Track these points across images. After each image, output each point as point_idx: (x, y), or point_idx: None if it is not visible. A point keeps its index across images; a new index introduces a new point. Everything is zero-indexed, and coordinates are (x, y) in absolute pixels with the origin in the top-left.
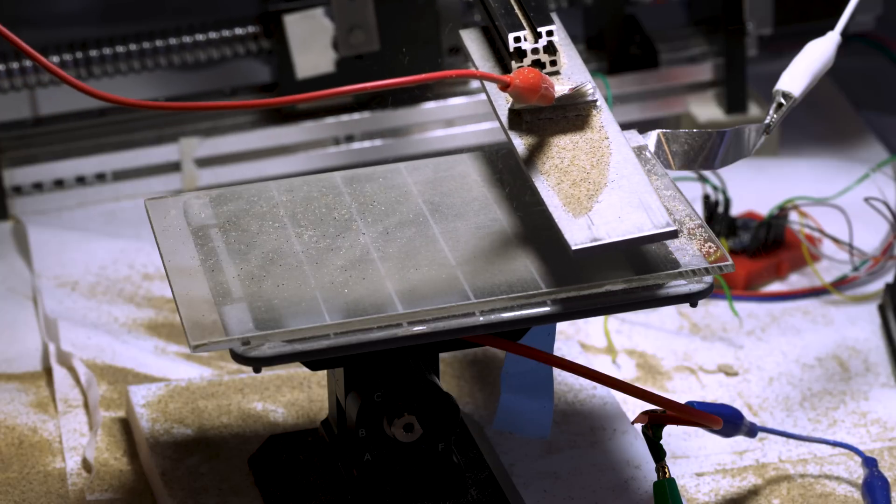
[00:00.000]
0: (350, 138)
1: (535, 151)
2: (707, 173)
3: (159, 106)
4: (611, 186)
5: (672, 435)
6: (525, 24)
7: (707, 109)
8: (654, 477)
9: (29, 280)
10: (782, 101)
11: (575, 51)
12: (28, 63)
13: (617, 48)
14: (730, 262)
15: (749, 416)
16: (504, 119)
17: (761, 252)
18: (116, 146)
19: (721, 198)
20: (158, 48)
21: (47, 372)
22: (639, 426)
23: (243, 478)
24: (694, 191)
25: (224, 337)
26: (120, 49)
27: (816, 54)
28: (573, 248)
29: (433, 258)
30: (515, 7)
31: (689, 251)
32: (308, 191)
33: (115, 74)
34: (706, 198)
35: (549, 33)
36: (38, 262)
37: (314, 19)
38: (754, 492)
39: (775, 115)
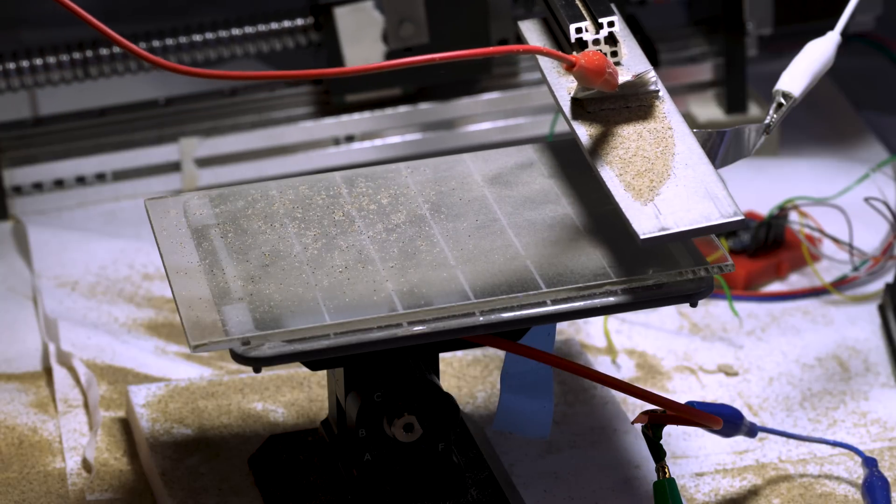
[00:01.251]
0: (350, 138)
1: (599, 141)
2: None
3: (217, 75)
4: (676, 176)
5: (672, 435)
6: (586, 15)
7: (707, 109)
8: (654, 477)
9: (29, 280)
10: (782, 101)
11: (635, 42)
12: (28, 63)
13: None
14: (730, 262)
15: (749, 416)
16: (567, 109)
17: (761, 252)
18: (116, 146)
19: None
20: (167, 46)
21: (47, 372)
22: (639, 426)
23: (243, 478)
24: None
25: (224, 337)
26: (119, 49)
27: (816, 54)
28: (641, 237)
29: (433, 258)
30: None
31: (689, 251)
32: (308, 191)
33: (112, 75)
34: None
35: (611, 24)
36: (38, 262)
37: (364, 12)
38: (754, 492)
39: (775, 115)
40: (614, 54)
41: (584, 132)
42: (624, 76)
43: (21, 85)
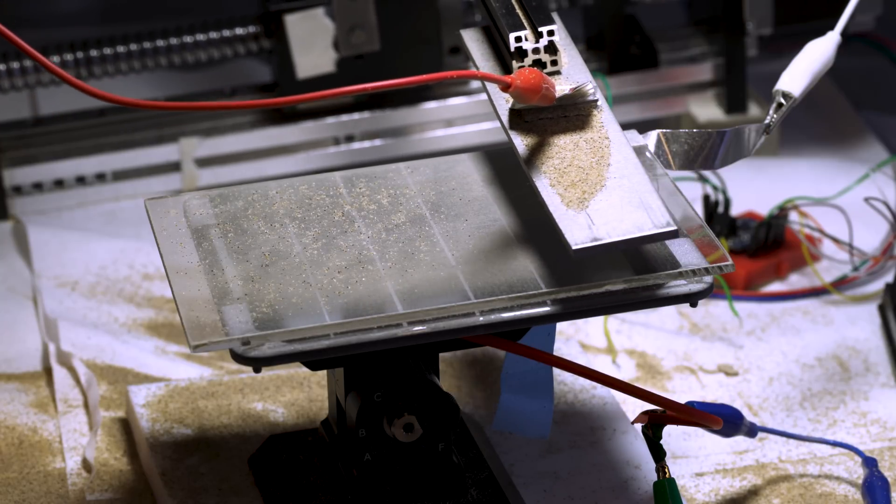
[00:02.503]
0: (350, 138)
1: (536, 151)
2: (707, 173)
3: (159, 106)
4: (611, 186)
5: (672, 435)
6: (526, 24)
7: (707, 109)
8: (654, 477)
9: (29, 280)
10: (782, 101)
11: (576, 50)
12: (28, 63)
13: (617, 48)
14: (730, 262)
15: (749, 416)
16: (505, 119)
17: (761, 252)
18: (116, 146)
19: (721, 198)
20: (159, 48)
21: (47, 372)
22: (639, 426)
23: (243, 478)
24: (694, 191)
25: (224, 337)
26: (120, 49)
27: (816, 54)
28: (573, 247)
29: (433, 258)
30: (517, 6)
31: (689, 251)
32: (308, 191)
33: (116, 74)
34: (706, 198)
35: (551, 33)
36: (38, 262)
37: (315, 19)
38: (754, 492)
39: (775, 115)
40: (554, 63)
41: (521, 142)
42: (563, 85)
43: (21, 85)
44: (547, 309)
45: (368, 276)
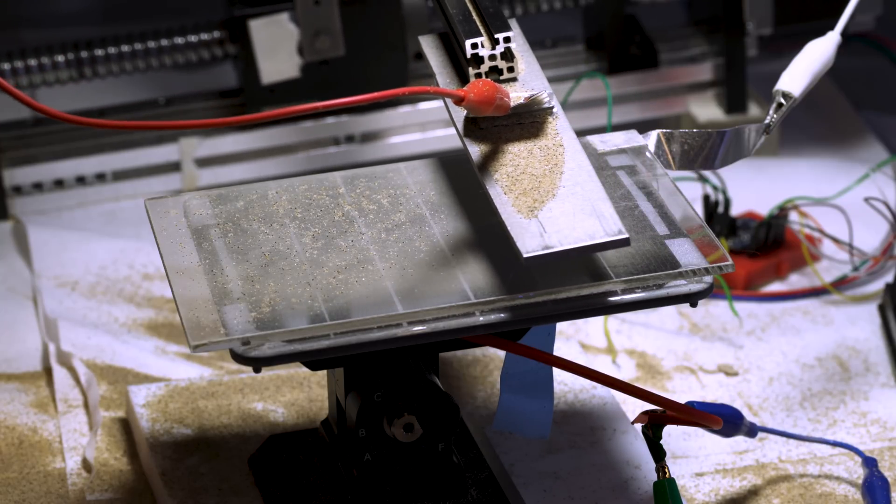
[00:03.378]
0: (350, 138)
1: (489, 158)
2: (707, 173)
3: (92, 123)
4: (564, 194)
5: (672, 435)
6: (483, 31)
7: (707, 109)
8: (654, 477)
9: (29, 280)
10: (782, 101)
11: (533, 56)
12: (28, 63)
13: (617, 48)
14: (730, 262)
15: (749, 416)
16: (460, 126)
17: (761, 252)
18: (116, 146)
19: (721, 198)
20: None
21: (47, 372)
22: (639, 426)
23: (243, 478)
24: (694, 191)
25: (224, 337)
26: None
27: (816, 54)
28: (524, 255)
29: (433, 258)
30: (473, 13)
31: (689, 251)
32: (308, 191)
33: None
34: (706, 198)
35: (507, 39)
36: (38, 262)
37: (279, 24)
38: (754, 492)
39: (775, 115)
40: (511, 70)
41: (476, 149)
42: (519, 92)
43: (21, 85)
44: (547, 308)
45: (368, 276)
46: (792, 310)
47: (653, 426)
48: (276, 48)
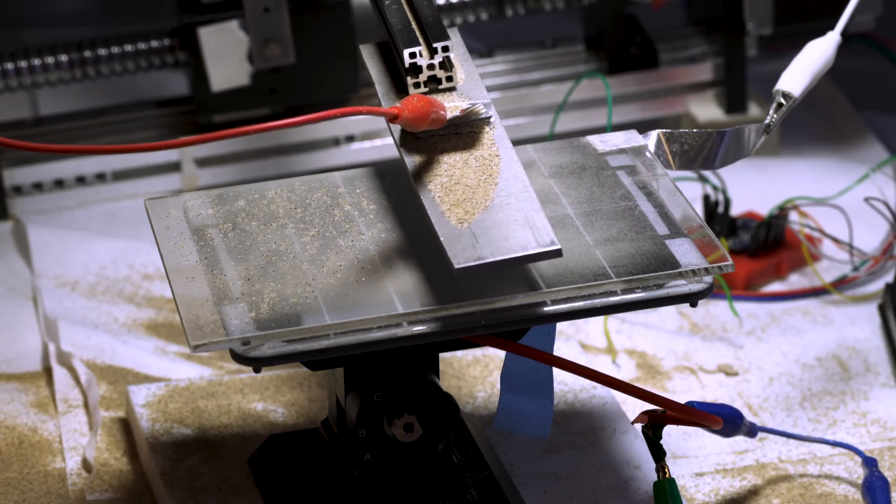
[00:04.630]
0: (350, 138)
1: (424, 168)
2: (707, 173)
3: (46, 149)
4: (497, 204)
5: (672, 435)
6: (421, 40)
7: (707, 109)
8: (654, 477)
9: (29, 280)
10: (782, 101)
11: (473, 66)
12: (28, 63)
13: (617, 48)
14: (730, 262)
15: (749, 416)
16: (396, 135)
17: (761, 252)
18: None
19: (721, 198)
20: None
21: (47, 372)
22: (639, 426)
23: (243, 478)
24: (694, 191)
25: (224, 337)
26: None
27: (816, 54)
28: (456, 266)
29: (433, 258)
30: (413, 22)
31: (689, 251)
32: (308, 191)
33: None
34: (706, 198)
35: (445, 49)
36: (38, 262)
37: (229, 32)
38: (754, 492)
39: (775, 115)
40: (449, 79)
41: (411, 158)
42: (457, 102)
43: (21, 85)
44: (547, 309)
45: (368, 276)
46: (792, 310)
47: (653, 426)
48: (226, 56)
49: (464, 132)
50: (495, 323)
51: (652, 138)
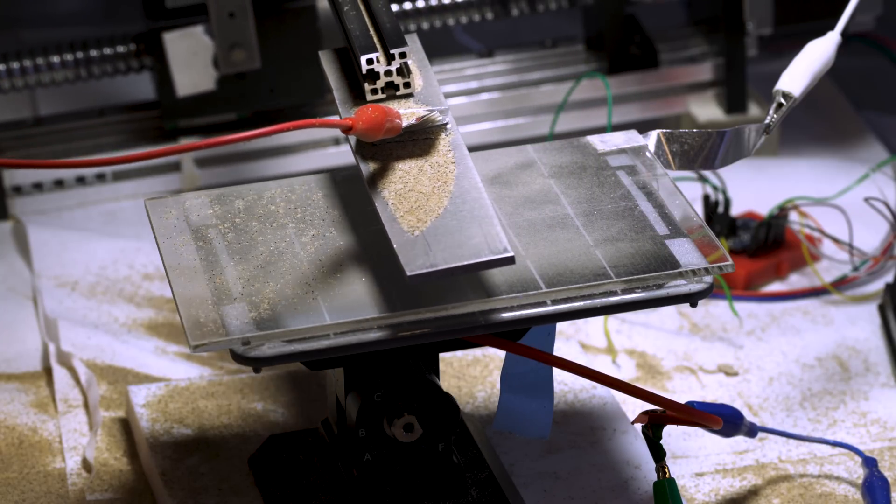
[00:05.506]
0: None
1: (379, 175)
2: (707, 173)
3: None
4: (451, 211)
5: (672, 435)
6: (379, 46)
7: (707, 109)
8: (654, 477)
9: (29, 280)
10: (782, 101)
11: (431, 72)
12: (28, 63)
13: (617, 48)
14: (730, 262)
15: (749, 416)
16: (353, 141)
17: (761, 252)
18: (116, 146)
19: (721, 198)
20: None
21: (47, 372)
22: (639, 426)
23: (243, 478)
24: (694, 191)
25: (224, 337)
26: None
27: (816, 54)
28: (408, 274)
29: None
30: (371, 28)
31: (689, 251)
32: (308, 191)
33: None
34: (706, 198)
35: (403, 55)
36: (38, 262)
37: (194, 37)
38: (754, 492)
39: (775, 115)
40: (407, 85)
41: (367, 166)
42: (414, 108)
43: (21, 85)
44: (547, 309)
45: (368, 275)
46: (792, 310)
47: (653, 426)
48: (192, 61)
49: (420, 139)
50: (495, 323)
51: (652, 138)
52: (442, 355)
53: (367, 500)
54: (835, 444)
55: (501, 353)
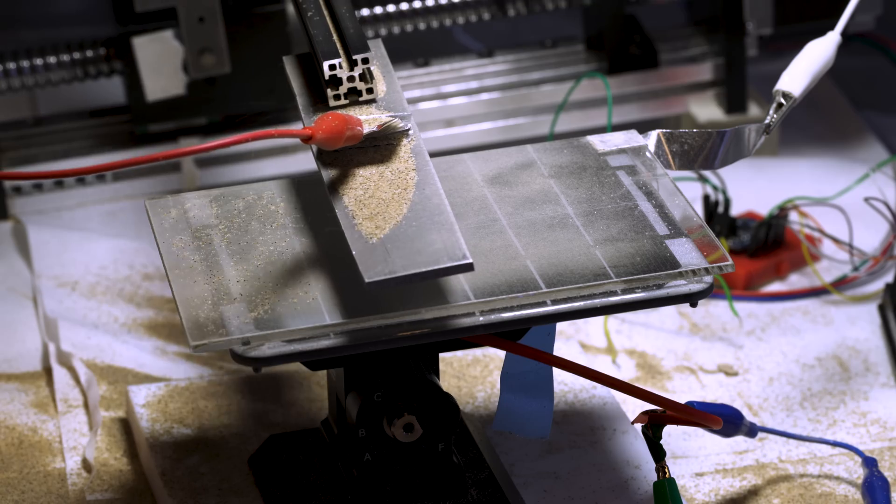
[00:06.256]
0: None
1: (340, 181)
2: (707, 173)
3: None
4: (411, 218)
5: (672, 435)
6: (341, 52)
7: (707, 109)
8: (654, 477)
9: (29, 280)
10: (782, 101)
11: (394, 77)
12: (28, 63)
13: (617, 48)
14: (730, 262)
15: (749, 416)
16: (314, 148)
17: (761, 252)
18: (116, 146)
19: (721, 198)
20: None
21: (47, 372)
22: (639, 426)
23: (243, 478)
24: (694, 191)
25: (224, 337)
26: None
27: (816, 54)
28: (366, 280)
29: None
30: (334, 33)
31: (689, 251)
32: (307, 190)
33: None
34: (706, 198)
35: (365, 61)
36: (38, 262)
37: (163, 42)
38: (754, 492)
39: (775, 115)
40: (370, 91)
41: (328, 172)
42: (376, 114)
43: (21, 85)
44: (547, 309)
45: None
46: (792, 310)
47: (653, 426)
48: (161, 65)
49: (382, 145)
50: (495, 323)
51: (652, 138)
52: (442, 355)
53: (367, 500)
54: (835, 444)
55: (501, 353)
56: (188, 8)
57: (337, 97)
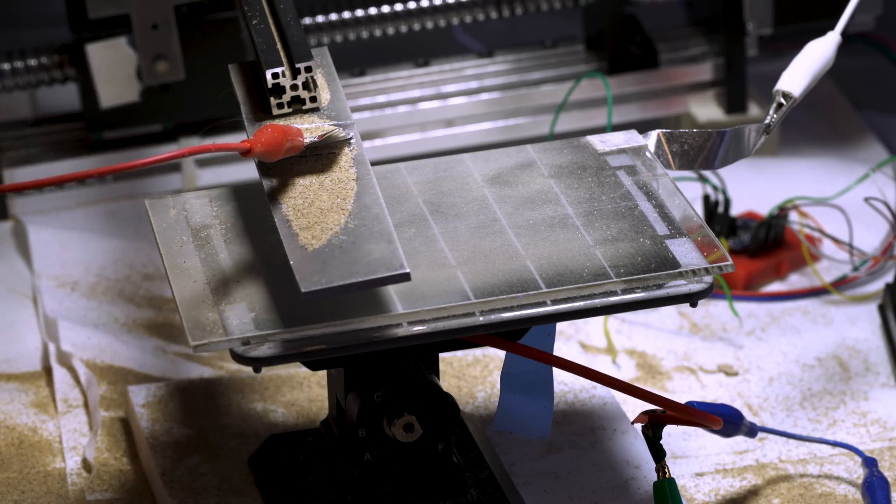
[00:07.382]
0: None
1: (280, 190)
2: (707, 173)
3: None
4: (349, 227)
5: (672, 435)
6: (285, 60)
7: (707, 109)
8: (654, 477)
9: (29, 280)
10: (782, 101)
11: (338, 85)
12: (28, 63)
13: (617, 48)
14: (730, 262)
15: (749, 416)
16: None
17: (761, 252)
18: (116, 146)
19: (721, 198)
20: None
21: (47, 372)
22: (639, 426)
23: (243, 478)
24: (694, 191)
25: (224, 337)
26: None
27: (816, 54)
28: (303, 290)
29: (433, 258)
30: (278, 42)
31: (689, 251)
32: None
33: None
34: (706, 198)
35: (308, 69)
36: (38, 262)
37: (117, 49)
38: (754, 492)
39: (775, 115)
40: (313, 100)
41: (269, 181)
42: (318, 123)
43: (21, 85)
44: (547, 309)
45: None
46: (792, 310)
47: (653, 426)
48: (115, 72)
49: (324, 154)
50: (495, 323)
51: (652, 138)
52: (442, 355)
53: (367, 500)
54: (835, 444)
55: (501, 353)
56: (142, 15)
57: (280, 105)
